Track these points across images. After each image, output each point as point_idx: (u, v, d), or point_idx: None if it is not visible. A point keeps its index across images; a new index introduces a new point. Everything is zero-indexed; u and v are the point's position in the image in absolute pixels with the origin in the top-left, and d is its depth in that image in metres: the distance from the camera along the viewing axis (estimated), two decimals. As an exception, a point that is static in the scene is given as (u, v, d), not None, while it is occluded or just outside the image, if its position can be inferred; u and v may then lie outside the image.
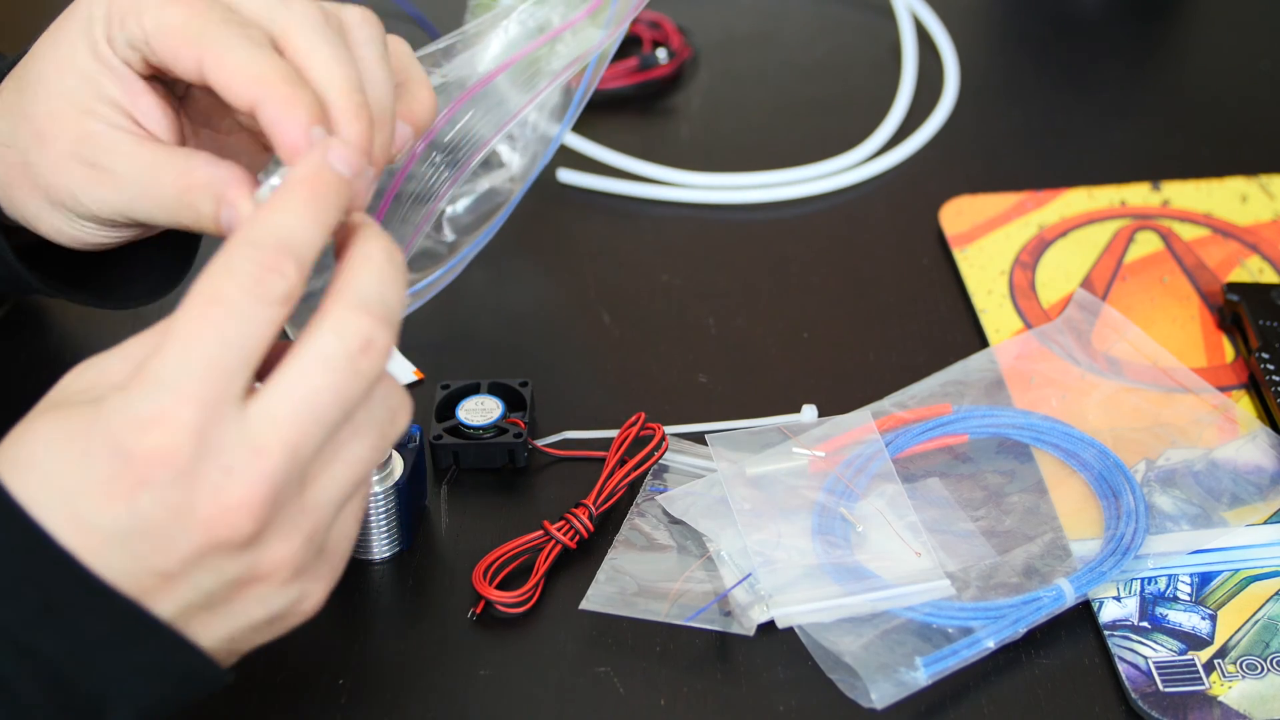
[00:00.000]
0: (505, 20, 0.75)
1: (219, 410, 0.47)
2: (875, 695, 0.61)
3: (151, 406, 0.46)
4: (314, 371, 0.48)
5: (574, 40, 0.74)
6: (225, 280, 0.47)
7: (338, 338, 0.48)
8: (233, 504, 0.47)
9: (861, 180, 0.91)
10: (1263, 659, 0.64)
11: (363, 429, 0.50)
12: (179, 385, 0.46)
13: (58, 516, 0.47)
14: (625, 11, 0.72)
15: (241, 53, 0.54)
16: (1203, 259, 0.83)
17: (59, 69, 0.59)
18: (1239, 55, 1.02)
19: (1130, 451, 0.71)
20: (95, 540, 0.47)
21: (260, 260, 0.47)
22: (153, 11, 0.56)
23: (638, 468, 0.69)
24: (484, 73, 0.73)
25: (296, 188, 0.50)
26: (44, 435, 0.48)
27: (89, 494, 0.46)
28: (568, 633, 0.65)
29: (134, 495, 0.46)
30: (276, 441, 0.47)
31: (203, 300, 0.47)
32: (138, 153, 0.58)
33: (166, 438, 0.46)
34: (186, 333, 0.47)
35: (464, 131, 0.73)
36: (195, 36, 0.55)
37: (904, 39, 0.99)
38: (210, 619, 0.49)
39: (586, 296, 0.82)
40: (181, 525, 0.47)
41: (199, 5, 0.56)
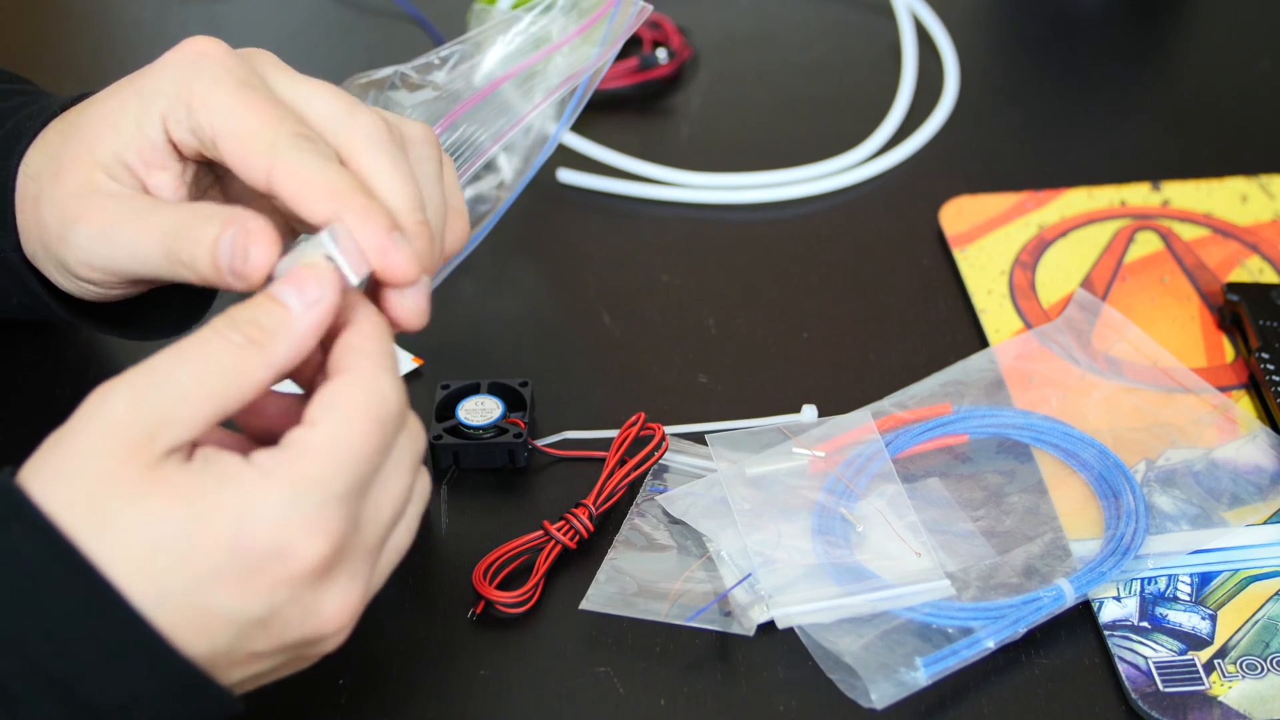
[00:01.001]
0: (504, 33, 0.75)
1: (356, 523, 0.50)
2: (875, 695, 0.61)
3: (319, 513, 0.49)
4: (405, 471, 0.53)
5: (572, 55, 0.74)
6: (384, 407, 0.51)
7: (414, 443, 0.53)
8: (349, 605, 0.51)
9: (861, 180, 0.91)
10: (1263, 659, 0.64)
11: (413, 524, 0.55)
12: (344, 497, 0.49)
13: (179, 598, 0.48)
14: (620, 30, 0.73)
15: (314, 166, 0.54)
16: (1203, 259, 0.83)
17: (100, 121, 0.59)
18: (1239, 55, 1.02)
19: (1130, 451, 0.71)
20: (213, 623, 0.48)
21: (403, 394, 0.52)
22: (224, 114, 0.56)
23: (638, 468, 0.69)
24: (481, 86, 0.73)
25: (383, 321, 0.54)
26: (160, 510, 0.48)
27: (226, 583, 0.48)
28: (568, 633, 0.65)
29: (276, 591, 0.49)
30: (378, 539, 0.52)
31: (369, 420, 0.50)
32: (137, 198, 0.58)
33: (326, 546, 0.49)
34: (352, 445, 0.50)
35: (462, 139, 0.73)
36: (267, 148, 0.55)
37: (904, 39, 0.99)
38: (250, 680, 0.52)
39: (586, 296, 0.82)
40: (301, 621, 0.50)
41: (271, 115, 0.55)
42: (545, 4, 0.75)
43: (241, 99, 0.56)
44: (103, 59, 1.00)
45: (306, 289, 0.51)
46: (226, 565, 0.48)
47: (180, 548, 0.47)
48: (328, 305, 0.51)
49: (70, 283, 0.61)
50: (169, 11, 1.02)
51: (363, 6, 1.04)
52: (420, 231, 0.55)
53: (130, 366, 0.50)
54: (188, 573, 0.47)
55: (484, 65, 0.75)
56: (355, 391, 0.51)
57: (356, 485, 0.50)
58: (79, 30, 1.05)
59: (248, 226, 0.54)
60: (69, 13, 1.07)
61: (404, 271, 0.53)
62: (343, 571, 0.50)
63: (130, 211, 0.58)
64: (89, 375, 0.76)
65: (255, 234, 0.54)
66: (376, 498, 0.51)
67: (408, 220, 0.55)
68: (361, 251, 0.53)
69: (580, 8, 0.74)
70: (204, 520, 0.48)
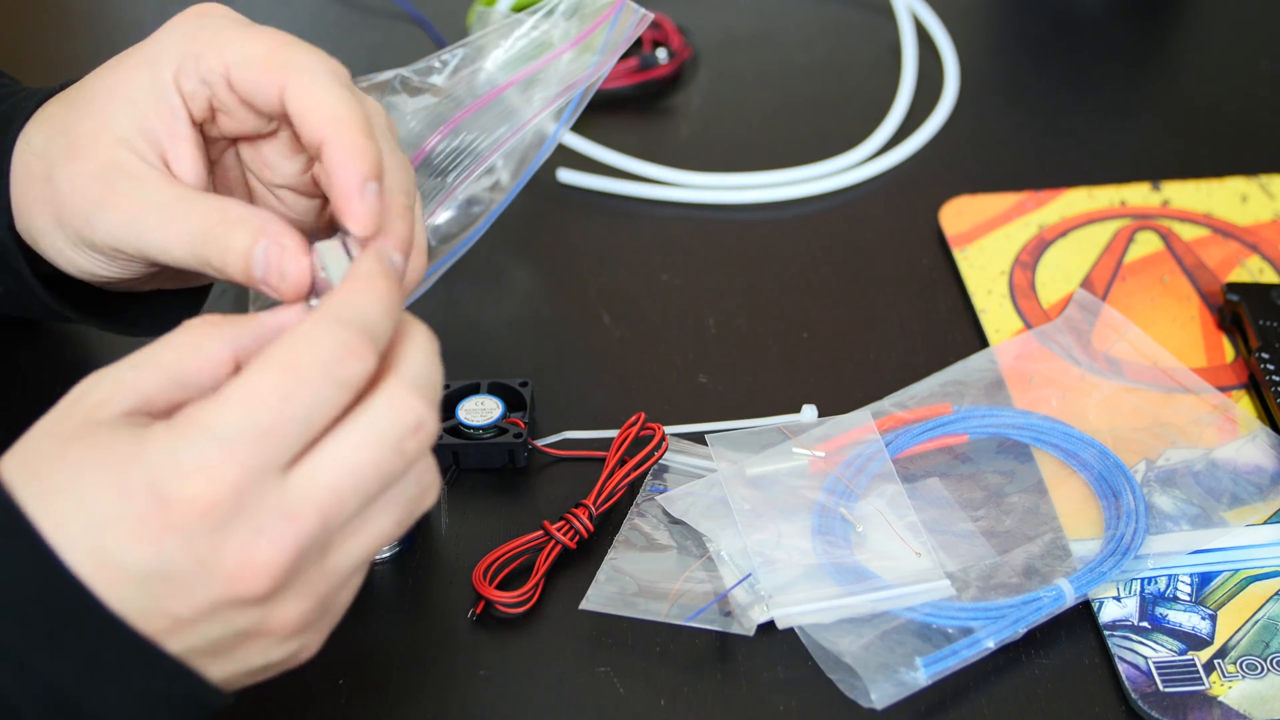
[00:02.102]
0: (506, 38, 0.75)
1: (263, 474, 0.47)
2: (875, 695, 0.61)
3: (198, 457, 0.46)
4: (365, 446, 0.48)
5: (574, 63, 0.74)
6: (306, 352, 0.48)
7: (392, 417, 0.49)
8: (257, 564, 0.47)
9: (861, 180, 0.91)
10: (1263, 659, 0.64)
11: (393, 504, 0.50)
12: (231, 444, 0.47)
13: (81, 545, 0.47)
14: (620, 38, 0.73)
15: (327, 88, 0.55)
16: (1203, 259, 0.83)
17: (111, 93, 0.59)
18: (1239, 55, 1.02)
19: (1130, 451, 0.71)
20: (115, 575, 0.47)
21: (345, 340, 0.48)
22: (236, 44, 0.57)
23: (638, 468, 0.69)
24: (482, 92, 0.73)
25: (377, 277, 0.51)
26: (76, 461, 0.47)
27: (117, 529, 0.47)
28: (568, 633, 0.65)
29: (162, 539, 0.46)
30: (311, 509, 0.48)
31: (278, 365, 0.47)
32: (164, 187, 0.58)
33: (206, 490, 0.46)
34: (253, 392, 0.47)
35: (463, 146, 0.73)
36: (282, 62, 0.56)
37: (904, 39, 0.99)
38: (211, 662, 0.49)
39: (586, 296, 0.82)
40: (203, 576, 0.47)
41: (282, 39, 0.57)
42: (546, 8, 0.75)
43: (251, 32, 0.57)
44: (103, 59, 0.99)
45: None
46: (116, 510, 0.46)
47: (81, 493, 0.47)
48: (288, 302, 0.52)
49: (85, 259, 0.61)
50: (169, 11, 1.02)
51: (363, 7, 1.04)
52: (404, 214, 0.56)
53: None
54: (86, 518, 0.47)
55: (485, 70, 0.75)
56: (284, 339, 0.48)
57: (255, 432, 0.47)
58: (78, 30, 1.05)
59: (282, 243, 0.54)
60: (68, 12, 1.07)
61: (363, 223, 0.54)
62: (243, 524, 0.47)
63: (158, 205, 0.58)
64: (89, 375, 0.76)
65: (290, 252, 0.54)
66: (315, 459, 0.48)
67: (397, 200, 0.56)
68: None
69: (581, 13, 0.74)
70: (103, 466, 0.47)
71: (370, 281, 0.50)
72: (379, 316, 0.49)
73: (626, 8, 0.73)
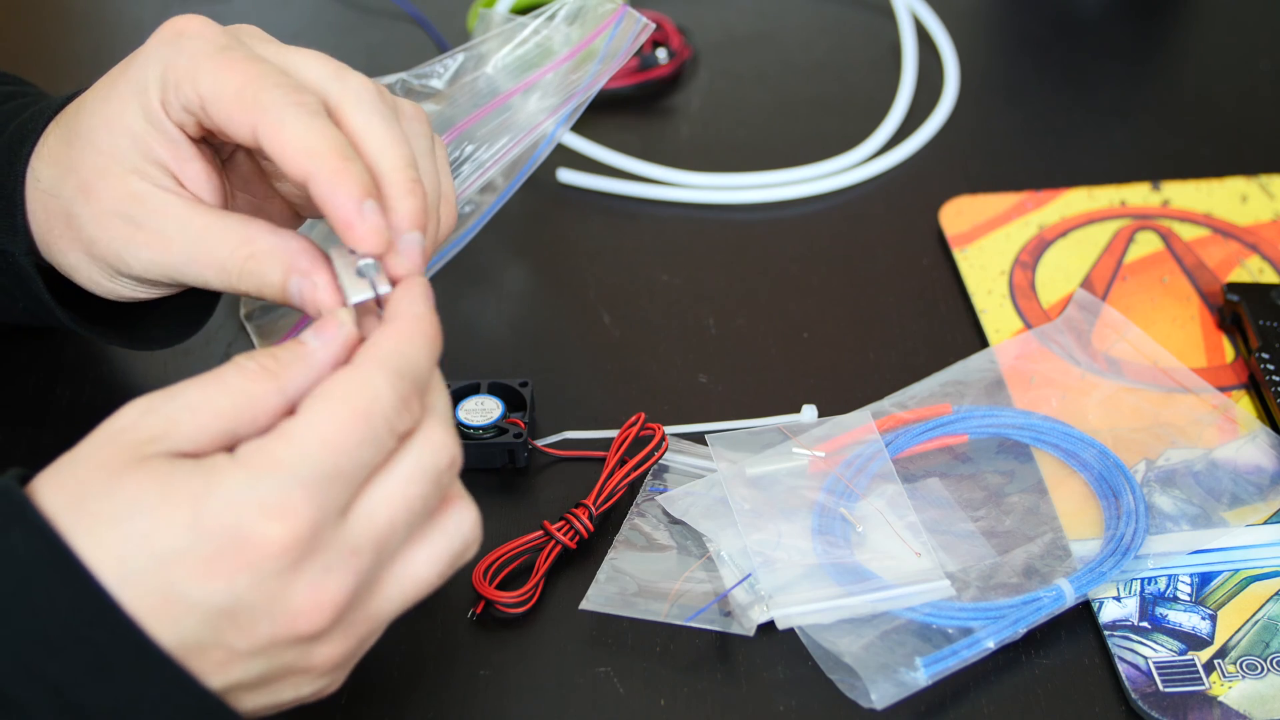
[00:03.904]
0: (507, 43, 0.75)
1: (333, 515, 0.48)
2: (875, 695, 0.61)
3: (279, 495, 0.47)
4: (413, 482, 0.50)
5: (576, 71, 0.74)
6: (372, 404, 0.49)
7: (433, 454, 0.51)
8: (324, 601, 0.48)
9: (861, 180, 0.91)
10: (1263, 659, 0.64)
11: (439, 554, 0.52)
12: (311, 483, 0.48)
13: (144, 580, 0.47)
14: (621, 46, 0.73)
15: (296, 124, 0.55)
16: (1203, 259, 0.83)
17: (109, 127, 0.59)
18: (1239, 55, 1.02)
19: (1130, 451, 0.71)
20: (180, 609, 0.47)
21: (402, 394, 0.50)
22: (208, 77, 0.57)
23: (638, 468, 0.69)
24: (483, 100, 0.73)
25: (424, 321, 0.53)
26: (134, 494, 0.47)
27: (187, 564, 0.47)
28: (568, 633, 0.65)
29: (235, 576, 0.47)
30: (370, 543, 0.50)
31: (348, 411, 0.49)
32: (190, 217, 0.58)
33: (286, 530, 0.47)
34: (326, 434, 0.48)
35: (464, 156, 0.73)
36: (250, 103, 0.55)
37: (904, 39, 0.99)
38: (248, 696, 0.50)
39: (586, 296, 0.82)
40: (270, 611, 0.48)
41: (254, 71, 0.56)
42: (548, 13, 0.75)
43: (222, 62, 0.57)
44: (103, 59, 0.99)
45: (325, 330, 0.52)
46: (187, 547, 0.47)
47: (143, 526, 0.47)
48: (343, 339, 0.52)
49: (121, 286, 0.62)
50: (169, 11, 1.02)
51: (363, 7, 1.04)
52: (414, 189, 0.56)
53: (131, 366, 0.50)
54: (149, 552, 0.47)
55: (486, 76, 0.75)
56: (344, 383, 0.50)
57: (329, 474, 0.48)
58: (79, 30, 1.05)
59: (314, 281, 0.55)
60: (69, 12, 1.07)
61: (371, 243, 0.54)
62: (314, 563, 0.48)
63: (185, 238, 0.58)
64: (89, 376, 0.76)
65: (322, 289, 0.55)
66: (370, 497, 0.50)
67: (400, 177, 0.56)
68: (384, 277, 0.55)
69: (583, 18, 0.74)
70: (168, 500, 0.47)
71: (418, 327, 0.52)
72: (427, 366, 0.52)
73: (628, 15, 0.73)
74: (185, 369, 0.76)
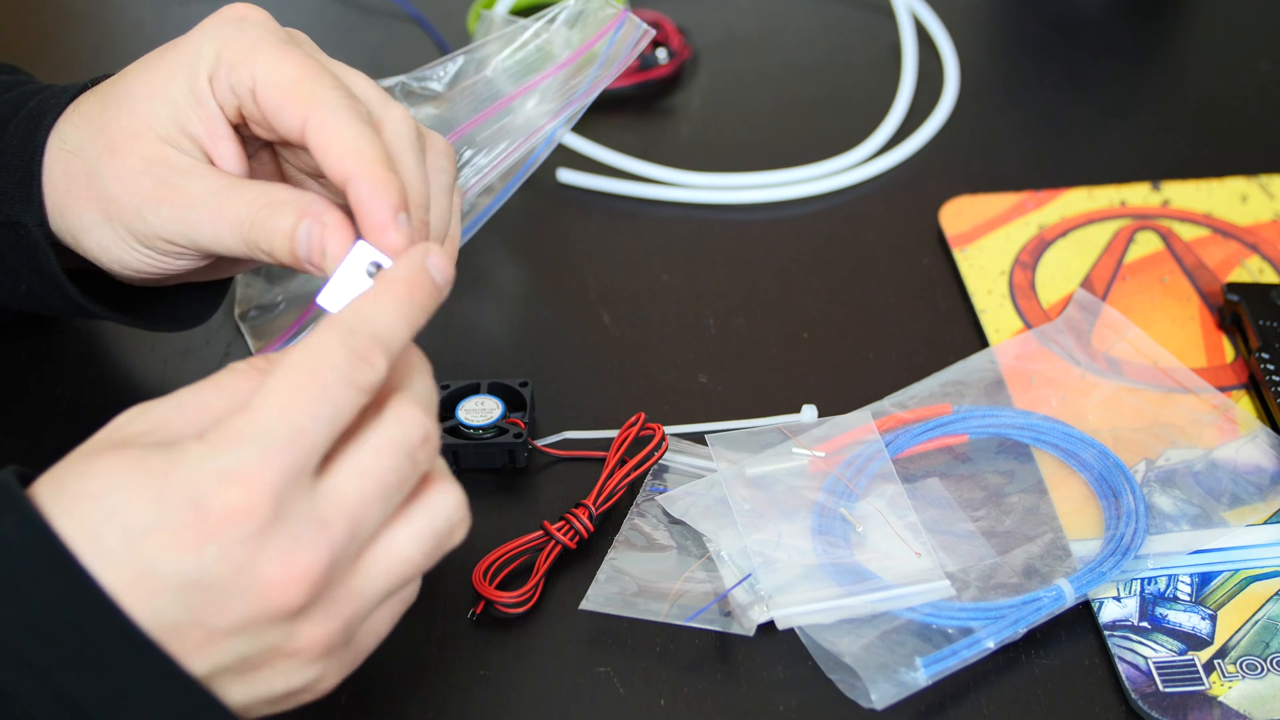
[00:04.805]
0: (508, 46, 0.75)
1: (298, 479, 0.48)
2: (875, 695, 0.61)
3: (236, 462, 0.47)
4: (382, 453, 0.50)
5: (577, 76, 0.74)
6: (321, 360, 0.49)
7: (403, 428, 0.50)
8: (294, 572, 0.48)
9: (861, 180, 0.91)
10: (1263, 659, 0.64)
11: (420, 533, 0.51)
12: (267, 447, 0.47)
13: (117, 555, 0.47)
14: (621, 52, 0.73)
15: (348, 124, 0.56)
16: (1203, 259, 0.83)
17: (150, 92, 0.60)
18: (1239, 55, 1.02)
19: (1130, 451, 0.71)
20: (151, 584, 0.47)
21: (354, 347, 0.49)
22: (266, 62, 0.58)
23: (638, 468, 0.69)
24: (484, 105, 0.73)
25: (395, 285, 0.52)
26: (108, 471, 0.48)
27: (155, 538, 0.47)
28: (568, 633, 0.65)
29: (202, 546, 0.47)
30: (342, 515, 0.49)
31: (299, 373, 0.48)
32: (213, 175, 0.60)
33: (247, 496, 0.47)
34: (279, 399, 0.48)
35: (463, 162, 0.73)
36: (306, 96, 0.57)
37: (904, 39, 0.99)
38: (235, 683, 0.50)
39: (586, 296, 0.82)
40: (241, 585, 0.47)
41: (312, 67, 0.58)
42: (549, 16, 0.75)
43: (283, 52, 0.58)
44: (103, 58, 1.00)
45: None
46: (154, 520, 0.47)
47: (113, 502, 0.47)
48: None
49: (131, 254, 0.62)
50: (169, 11, 1.02)
51: (363, 7, 1.04)
52: (421, 230, 0.57)
53: (131, 366, 0.50)
54: (120, 527, 0.47)
55: (486, 79, 0.75)
56: (298, 348, 0.49)
57: (287, 438, 0.47)
58: (79, 29, 1.05)
59: (324, 220, 0.56)
60: (69, 11, 1.07)
61: (401, 249, 0.55)
62: (281, 532, 0.47)
63: (208, 195, 0.59)
64: (89, 375, 0.76)
65: (331, 229, 0.56)
66: (339, 469, 0.49)
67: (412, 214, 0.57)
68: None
69: (584, 22, 0.74)
70: (136, 477, 0.47)
71: (385, 291, 0.52)
72: (391, 323, 0.51)
73: (629, 21, 0.73)
74: (185, 369, 0.76)
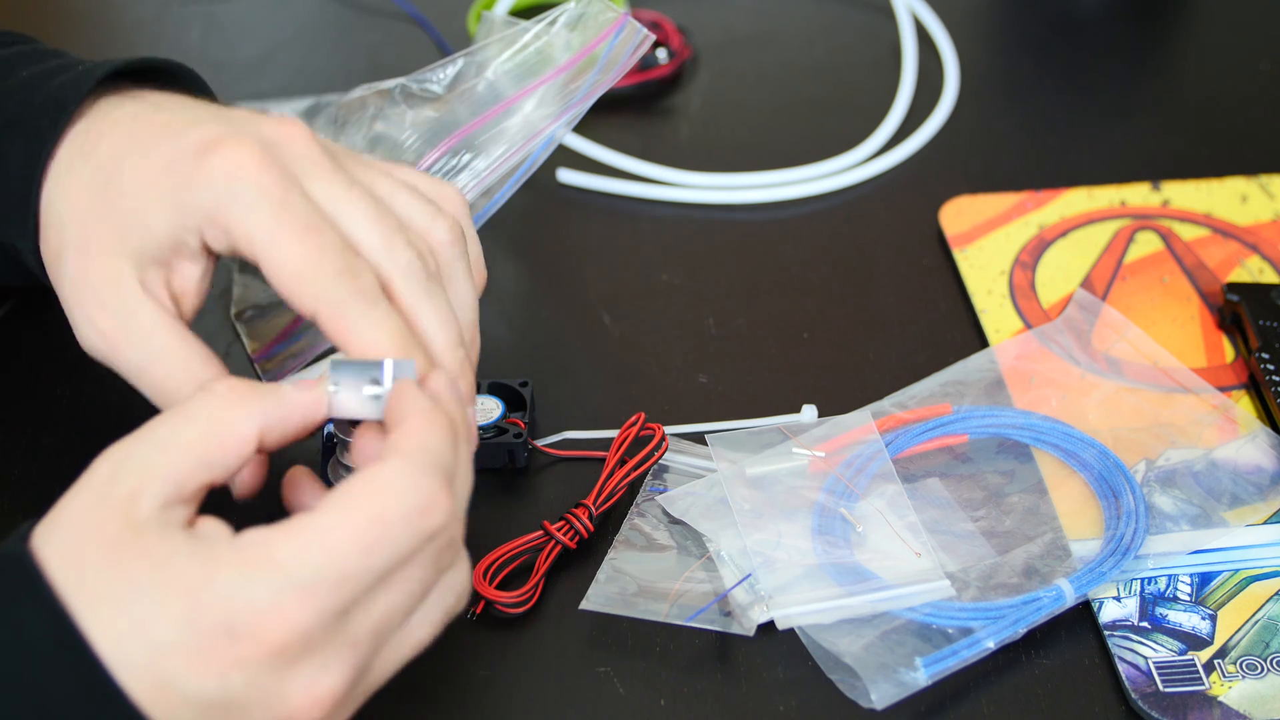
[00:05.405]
0: (508, 49, 0.75)
1: (332, 618, 0.47)
2: (875, 695, 0.61)
3: (273, 598, 0.46)
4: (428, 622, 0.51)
5: (576, 80, 0.74)
6: (394, 504, 0.48)
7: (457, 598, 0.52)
8: (321, 696, 0.48)
9: (861, 180, 0.91)
10: (1263, 659, 0.64)
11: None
12: (309, 590, 0.46)
13: (138, 667, 0.46)
14: (620, 58, 0.73)
15: (361, 320, 0.54)
16: (1203, 259, 0.83)
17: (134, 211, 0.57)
18: (1239, 55, 1.02)
19: (1130, 451, 0.71)
20: (172, 699, 0.46)
21: (431, 492, 0.48)
22: (266, 247, 0.54)
23: (638, 468, 0.69)
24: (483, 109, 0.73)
25: (448, 411, 0.51)
26: (133, 576, 0.47)
27: (180, 657, 0.46)
28: (568, 633, 0.65)
29: (228, 672, 0.46)
30: (370, 634, 0.49)
31: (364, 515, 0.47)
32: (154, 331, 0.57)
33: (279, 632, 0.46)
34: (335, 539, 0.47)
35: (461, 165, 0.73)
36: (311, 293, 0.54)
37: (904, 39, 0.99)
38: None
39: (586, 296, 0.82)
40: (263, 709, 0.47)
41: (314, 247, 0.54)
42: (549, 18, 0.75)
43: (281, 226, 0.54)
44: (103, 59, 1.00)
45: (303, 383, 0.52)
46: (181, 638, 0.46)
47: (139, 613, 0.46)
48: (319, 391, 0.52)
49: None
50: (169, 11, 1.02)
51: (363, 7, 1.04)
52: (463, 370, 0.57)
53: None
54: (145, 640, 0.46)
55: (486, 83, 0.75)
56: (363, 484, 0.48)
57: (332, 584, 0.47)
58: (79, 30, 1.05)
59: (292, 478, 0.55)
60: (69, 12, 1.07)
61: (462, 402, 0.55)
62: (310, 662, 0.47)
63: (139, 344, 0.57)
64: (89, 376, 0.76)
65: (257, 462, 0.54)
66: (373, 600, 0.49)
67: (449, 359, 0.57)
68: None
69: (584, 25, 0.74)
70: (164, 587, 0.46)
71: (443, 418, 0.51)
72: (455, 462, 0.50)
73: (629, 25, 0.73)
74: (185, 369, 0.76)
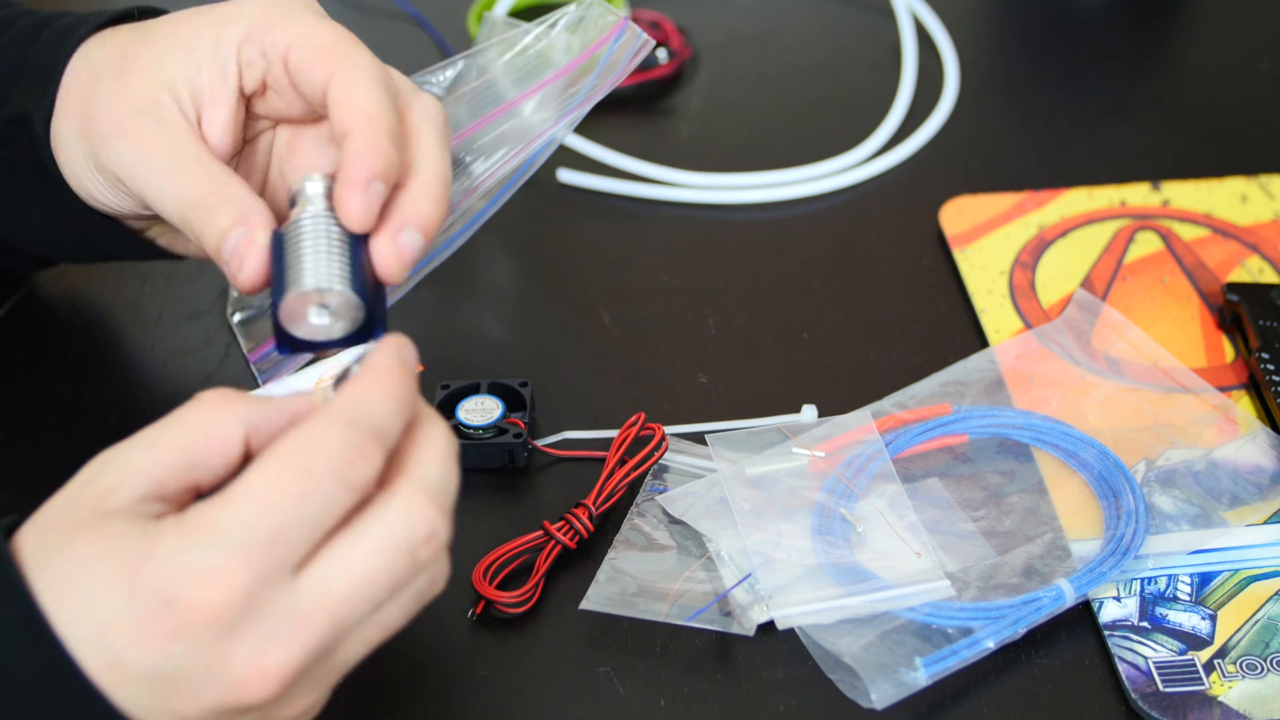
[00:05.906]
0: (508, 51, 0.75)
1: (275, 579, 0.46)
2: (875, 695, 0.61)
3: (209, 561, 0.46)
4: (378, 553, 0.48)
5: (576, 83, 0.74)
6: (317, 453, 0.47)
7: (406, 525, 0.48)
8: (266, 671, 0.47)
9: (861, 180, 0.91)
10: (1263, 659, 0.64)
11: (403, 597, 0.50)
12: (242, 547, 0.46)
13: (89, 643, 0.46)
14: (620, 63, 0.73)
15: (370, 88, 0.58)
16: (1203, 259, 0.83)
17: (175, 40, 0.61)
18: (1239, 55, 1.02)
19: (1130, 451, 0.71)
20: (121, 674, 0.46)
21: (354, 443, 0.48)
22: (303, 29, 0.60)
23: (638, 468, 0.69)
24: (483, 112, 0.73)
25: (387, 374, 0.50)
26: (83, 554, 0.47)
27: (124, 629, 0.46)
28: (568, 633, 0.65)
29: (169, 642, 0.46)
30: (323, 615, 0.47)
31: (288, 466, 0.47)
32: (185, 140, 0.60)
33: (216, 595, 0.46)
34: (264, 493, 0.47)
35: (462, 170, 0.73)
36: (339, 54, 0.59)
37: (904, 39, 0.99)
38: None
39: (586, 296, 0.82)
40: (210, 680, 0.47)
41: (349, 36, 0.60)
42: (550, 21, 0.75)
43: (323, 22, 0.60)
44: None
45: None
46: (123, 611, 0.46)
47: (86, 589, 0.46)
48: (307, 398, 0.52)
49: (89, 178, 0.63)
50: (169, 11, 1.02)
51: (363, 7, 1.04)
52: (442, 201, 0.59)
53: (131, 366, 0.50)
54: (92, 616, 0.46)
55: (486, 85, 0.75)
56: (287, 439, 0.48)
57: (267, 536, 0.46)
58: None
59: (254, 237, 0.56)
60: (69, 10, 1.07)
61: (355, 220, 0.56)
62: (253, 631, 0.46)
63: (171, 155, 0.59)
64: (89, 375, 0.76)
65: (256, 246, 0.56)
66: (326, 562, 0.47)
67: (438, 186, 0.59)
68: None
69: (584, 28, 0.74)
70: (109, 563, 0.46)
71: (383, 379, 0.50)
72: (390, 417, 0.49)
73: (629, 29, 0.73)
74: (184, 369, 0.76)
